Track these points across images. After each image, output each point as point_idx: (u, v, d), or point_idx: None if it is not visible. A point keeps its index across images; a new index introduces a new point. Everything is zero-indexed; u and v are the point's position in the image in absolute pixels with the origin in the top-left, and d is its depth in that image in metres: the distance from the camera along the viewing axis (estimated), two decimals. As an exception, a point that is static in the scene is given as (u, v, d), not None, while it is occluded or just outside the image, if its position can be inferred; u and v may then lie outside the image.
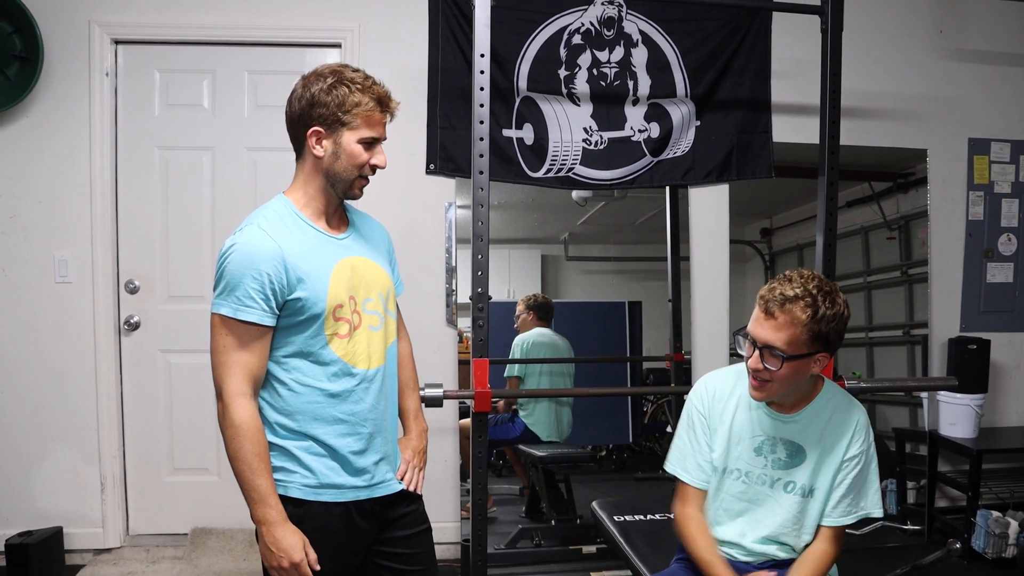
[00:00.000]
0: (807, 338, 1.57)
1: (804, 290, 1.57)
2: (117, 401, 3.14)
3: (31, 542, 2.84)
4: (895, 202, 3.67)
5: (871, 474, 1.72)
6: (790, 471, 1.73)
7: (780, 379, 1.61)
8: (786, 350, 1.57)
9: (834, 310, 1.58)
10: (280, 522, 1.50)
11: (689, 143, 3.23)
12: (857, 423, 1.70)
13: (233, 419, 1.49)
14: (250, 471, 1.49)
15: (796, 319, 1.56)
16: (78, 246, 3.06)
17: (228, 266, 1.48)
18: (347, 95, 1.54)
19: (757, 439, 1.75)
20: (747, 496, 1.76)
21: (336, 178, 1.59)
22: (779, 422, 1.73)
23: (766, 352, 1.59)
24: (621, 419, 3.60)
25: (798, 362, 1.59)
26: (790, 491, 1.73)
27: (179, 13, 3.06)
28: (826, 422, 1.71)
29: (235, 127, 3.16)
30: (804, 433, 1.72)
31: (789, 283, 1.59)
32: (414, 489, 1.74)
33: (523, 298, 3.46)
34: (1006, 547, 3.03)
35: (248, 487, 1.50)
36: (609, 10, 3.13)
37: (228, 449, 1.51)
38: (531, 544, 3.20)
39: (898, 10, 3.44)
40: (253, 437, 1.49)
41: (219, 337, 1.50)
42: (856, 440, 1.69)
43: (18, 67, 2.95)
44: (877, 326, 3.77)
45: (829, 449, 1.70)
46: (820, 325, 1.56)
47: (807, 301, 1.56)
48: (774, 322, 1.58)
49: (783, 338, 1.57)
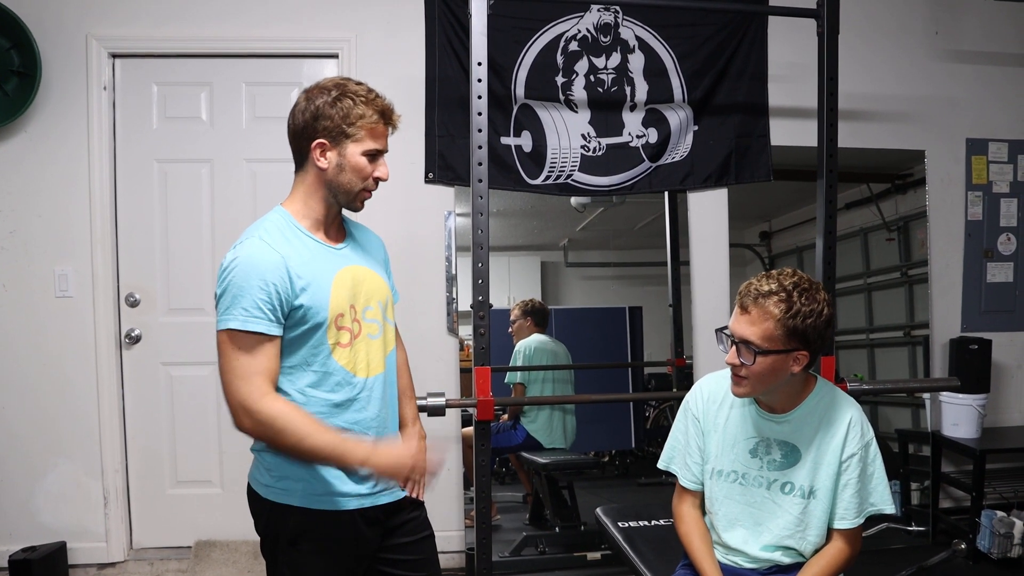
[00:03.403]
0: (782, 333, 1.57)
1: (779, 286, 1.58)
2: (119, 414, 3.14)
3: (35, 557, 2.83)
4: (894, 203, 3.67)
5: (875, 470, 1.70)
6: (786, 472, 1.71)
7: (755, 375, 1.62)
8: (760, 344, 1.58)
9: (811, 307, 1.57)
10: (373, 452, 1.52)
11: (687, 148, 3.24)
12: (850, 421, 1.68)
13: (269, 413, 1.45)
14: (313, 439, 1.46)
15: (769, 313, 1.57)
16: (78, 260, 3.06)
17: (232, 279, 1.47)
18: (351, 107, 1.55)
19: (751, 441, 1.75)
20: (746, 499, 1.75)
21: (339, 190, 1.60)
22: (772, 423, 1.73)
23: (742, 347, 1.60)
24: (623, 425, 3.59)
25: (773, 357, 1.59)
26: (788, 492, 1.71)
27: (176, 26, 3.07)
28: (819, 421, 1.70)
29: (233, 139, 3.17)
30: (797, 433, 1.71)
31: (766, 279, 1.61)
32: (416, 496, 1.75)
33: (519, 303, 3.45)
34: (1011, 547, 3.02)
35: (325, 454, 1.48)
36: (605, 16, 3.14)
37: (281, 441, 1.47)
38: (535, 551, 3.19)
39: (894, 12, 3.46)
40: (294, 414, 1.47)
41: (229, 353, 1.47)
42: (851, 438, 1.67)
43: (16, 82, 2.96)
44: (878, 327, 3.77)
45: (825, 449, 1.68)
46: (795, 320, 1.56)
47: (781, 296, 1.57)
48: (748, 317, 1.60)
49: (757, 332, 1.58)
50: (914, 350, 3.62)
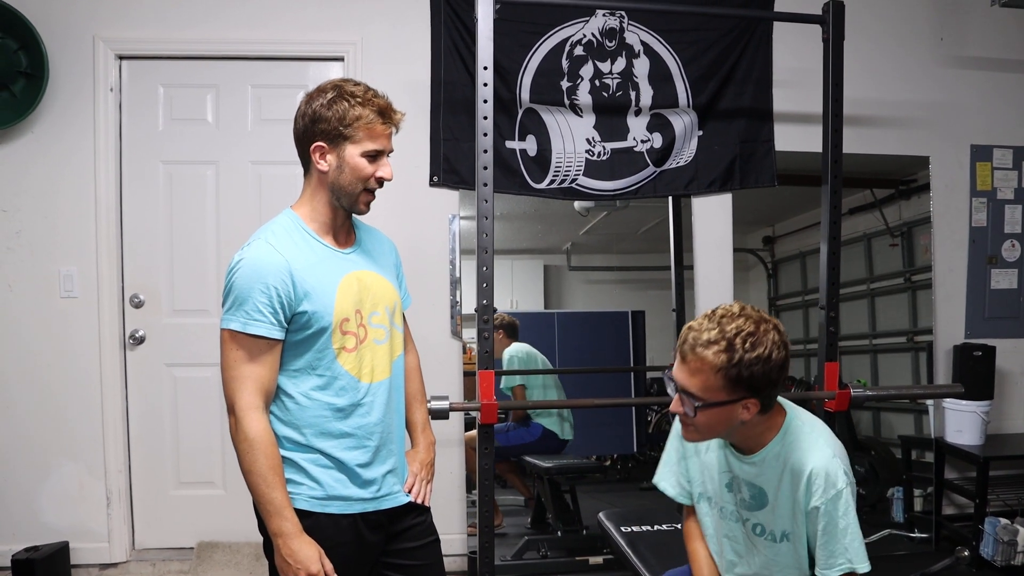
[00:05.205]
0: (723, 384, 1.43)
1: (720, 332, 1.43)
2: (123, 415, 3.14)
3: (37, 557, 2.84)
4: (897, 209, 3.67)
5: (840, 524, 1.50)
6: (755, 513, 1.62)
7: (701, 425, 1.50)
8: (701, 396, 1.45)
9: (755, 353, 1.41)
10: (296, 534, 1.51)
11: (692, 153, 3.24)
12: (810, 474, 1.50)
13: (247, 433, 1.49)
14: (265, 484, 1.49)
15: (709, 364, 1.43)
16: (83, 261, 3.07)
17: (236, 280, 1.50)
18: (347, 109, 1.55)
19: (726, 475, 1.66)
20: (726, 531, 1.70)
21: (341, 192, 1.60)
22: (740, 462, 1.61)
23: (684, 396, 1.48)
24: (625, 429, 3.59)
25: (717, 409, 1.46)
26: (760, 534, 1.63)
27: (182, 28, 3.08)
28: (783, 465, 1.56)
29: (238, 141, 3.18)
30: (763, 477, 1.58)
31: (708, 323, 1.46)
32: (422, 501, 1.75)
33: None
34: (1015, 555, 3.01)
35: (263, 500, 1.50)
36: (611, 21, 3.15)
37: (242, 463, 1.51)
38: (538, 555, 3.19)
39: (899, 18, 3.46)
40: (267, 450, 1.50)
41: (229, 352, 1.51)
42: (814, 490, 1.50)
43: (23, 83, 2.97)
44: (880, 333, 3.77)
45: (788, 496, 1.55)
46: (738, 369, 1.41)
47: (721, 346, 1.42)
48: (687, 367, 1.46)
49: (696, 384, 1.45)
50: (917, 356, 3.61)
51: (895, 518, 3.44)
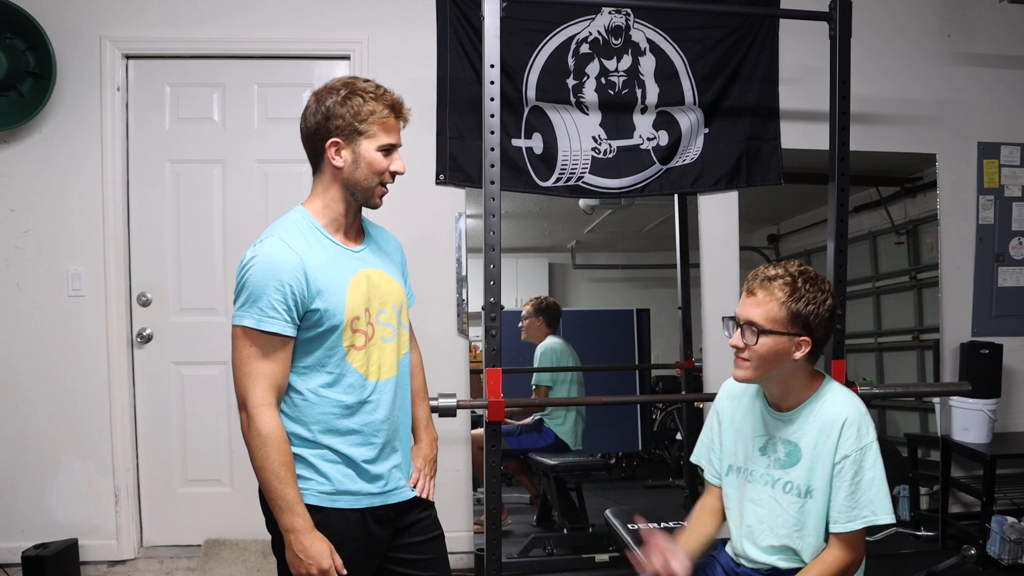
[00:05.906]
0: (785, 316, 1.64)
1: (785, 271, 1.66)
2: (130, 413, 3.16)
3: (47, 554, 2.85)
4: (903, 206, 3.66)
5: (867, 475, 1.64)
6: (788, 471, 1.72)
7: (758, 356, 1.66)
8: (763, 325, 1.64)
9: (814, 293, 1.64)
10: (308, 530, 1.53)
11: (698, 150, 3.23)
12: (845, 422, 1.65)
13: (259, 429, 1.50)
14: (277, 480, 1.50)
15: (774, 296, 1.64)
16: (91, 260, 3.08)
17: (250, 277, 1.51)
18: (361, 105, 1.57)
19: (761, 439, 1.78)
20: (751, 497, 1.77)
21: (357, 187, 1.62)
22: (778, 420, 1.75)
23: (745, 328, 1.66)
24: (630, 427, 3.60)
25: (775, 338, 1.64)
26: (788, 491, 1.72)
27: (189, 27, 3.09)
28: (820, 420, 1.70)
29: (245, 140, 3.18)
30: (800, 432, 1.72)
31: (773, 267, 1.69)
32: (426, 496, 1.78)
33: (531, 300, 3.44)
34: (1022, 553, 3.01)
35: (275, 496, 1.51)
36: (616, 19, 3.15)
37: (254, 459, 1.52)
38: (544, 553, 3.20)
39: (906, 15, 3.44)
40: (279, 447, 1.51)
41: (242, 348, 1.52)
42: (845, 440, 1.64)
43: (31, 83, 2.98)
44: (887, 331, 3.76)
45: (822, 449, 1.68)
46: (799, 305, 1.63)
47: (786, 280, 1.65)
48: (754, 299, 1.67)
49: (761, 313, 1.65)
50: (923, 354, 3.61)
51: (901, 516, 3.44)
